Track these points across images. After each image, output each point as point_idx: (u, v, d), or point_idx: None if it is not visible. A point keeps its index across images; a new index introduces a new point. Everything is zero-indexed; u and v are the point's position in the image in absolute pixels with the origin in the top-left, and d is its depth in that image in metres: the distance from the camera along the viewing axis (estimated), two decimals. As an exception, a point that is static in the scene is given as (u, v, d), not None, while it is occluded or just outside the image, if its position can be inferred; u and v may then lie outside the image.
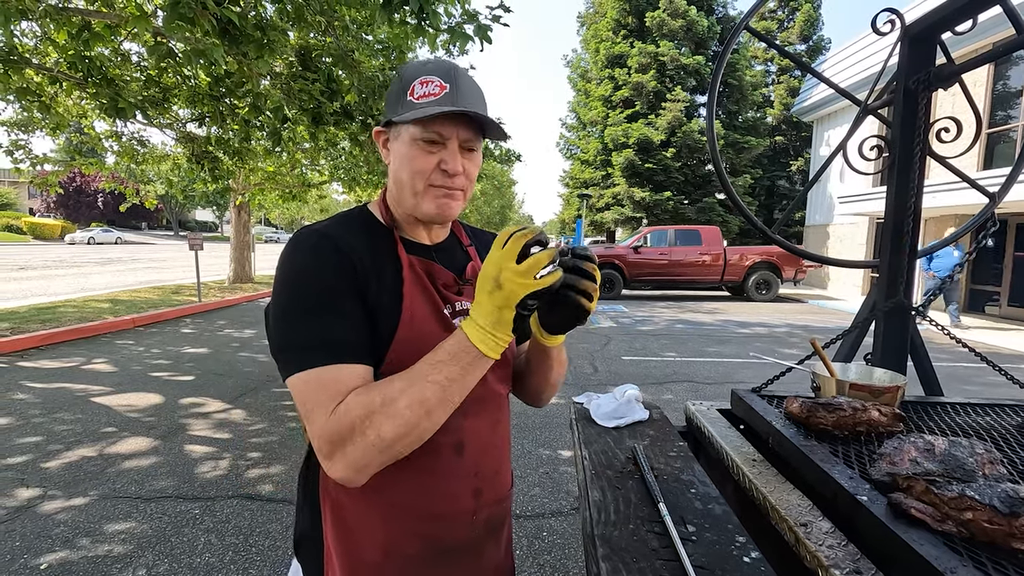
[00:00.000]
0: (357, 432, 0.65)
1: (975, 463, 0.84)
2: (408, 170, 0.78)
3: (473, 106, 0.77)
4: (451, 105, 0.75)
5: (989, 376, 5.74)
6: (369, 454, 0.66)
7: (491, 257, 0.68)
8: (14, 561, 2.24)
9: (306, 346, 0.70)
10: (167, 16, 3.57)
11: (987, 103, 11.08)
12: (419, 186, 0.78)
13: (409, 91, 0.77)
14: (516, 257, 0.66)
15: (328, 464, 0.68)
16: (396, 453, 0.68)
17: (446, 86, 0.76)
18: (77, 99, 7.10)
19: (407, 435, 0.66)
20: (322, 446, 0.68)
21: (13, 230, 35.90)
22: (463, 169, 0.79)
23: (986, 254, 11.53)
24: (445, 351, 0.68)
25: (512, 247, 0.66)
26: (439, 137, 0.76)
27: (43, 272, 14.88)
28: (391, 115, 0.79)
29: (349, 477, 0.68)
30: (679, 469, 1.15)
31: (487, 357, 0.69)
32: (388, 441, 0.66)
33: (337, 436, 0.66)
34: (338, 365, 0.69)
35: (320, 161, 11.85)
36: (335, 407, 0.67)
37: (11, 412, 3.97)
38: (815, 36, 25.41)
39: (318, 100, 5.60)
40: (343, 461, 0.67)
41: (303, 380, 0.69)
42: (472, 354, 0.68)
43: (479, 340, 0.68)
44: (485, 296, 0.68)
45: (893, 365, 1.55)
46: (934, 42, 1.55)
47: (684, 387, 5.14)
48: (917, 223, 1.55)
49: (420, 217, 0.82)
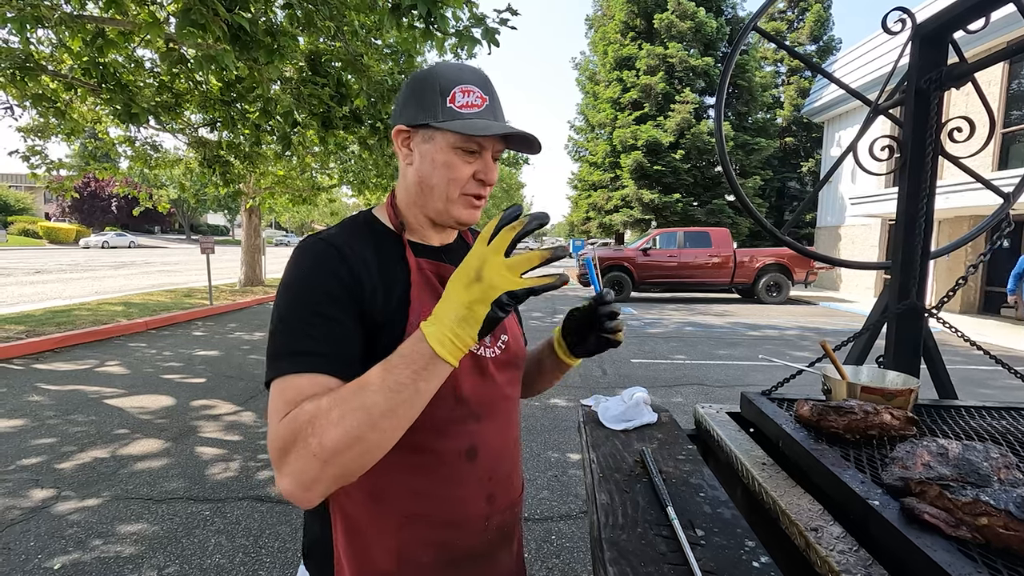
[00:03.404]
0: (300, 439, 0.60)
1: (990, 467, 0.82)
2: (443, 176, 0.78)
3: (505, 118, 0.81)
4: (492, 118, 0.77)
5: (1005, 379, 5.65)
6: (311, 465, 0.60)
7: (475, 249, 0.63)
8: (28, 561, 2.27)
9: (284, 354, 0.68)
10: (179, 23, 3.63)
11: (1001, 102, 10.92)
12: (454, 193, 0.78)
13: (450, 97, 0.76)
14: (504, 251, 0.61)
15: (278, 479, 0.63)
16: (342, 469, 0.61)
17: (486, 98, 0.78)
18: (91, 105, 7.23)
19: (350, 447, 0.60)
20: (272, 456, 0.63)
21: (29, 234, 36.50)
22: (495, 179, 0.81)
23: (1001, 255, 11.36)
24: (399, 353, 0.63)
25: (500, 241, 0.61)
26: (479, 148, 0.77)
27: (58, 276, 15.10)
28: (427, 118, 0.76)
29: (295, 493, 0.61)
30: (688, 472, 1.14)
31: (440, 360, 0.61)
32: (330, 450, 0.59)
33: (282, 443, 0.61)
34: (307, 374, 0.66)
35: (330, 165, 11.96)
36: (287, 412, 0.63)
37: (27, 414, 4.03)
38: (825, 36, 25.24)
39: (328, 104, 5.65)
40: (287, 472, 0.61)
41: (277, 386, 0.67)
42: (426, 356, 0.61)
43: (436, 340, 0.61)
44: (460, 288, 0.62)
45: (906, 368, 1.53)
46: (946, 41, 1.53)
47: (693, 390, 5.11)
48: (930, 224, 1.53)
49: (445, 222, 0.82)
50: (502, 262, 0.61)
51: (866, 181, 14.45)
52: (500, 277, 0.60)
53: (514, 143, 0.81)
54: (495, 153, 0.80)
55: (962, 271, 11.39)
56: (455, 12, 4.52)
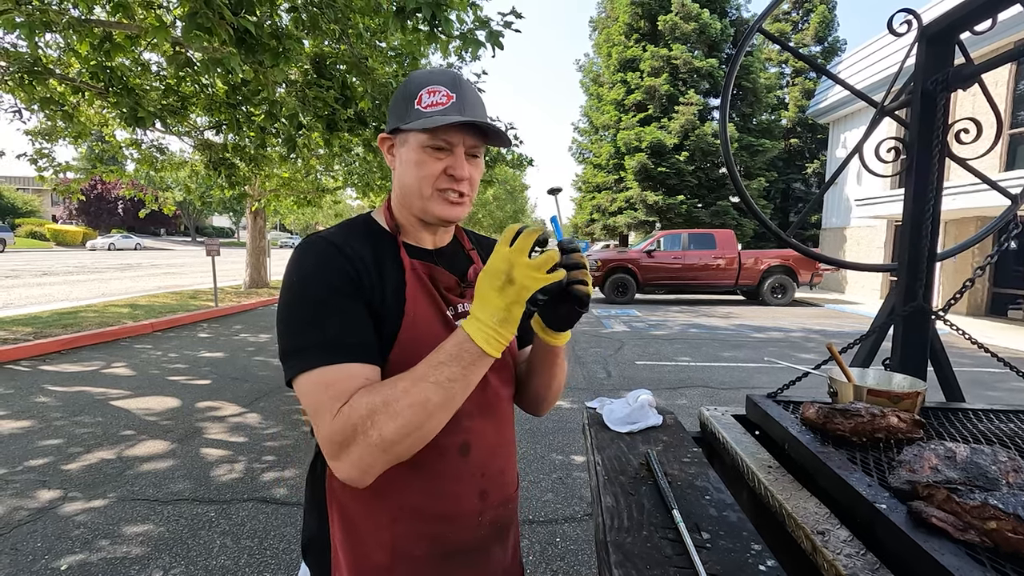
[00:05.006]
0: (360, 432, 0.66)
1: (998, 471, 0.82)
2: (416, 175, 0.81)
3: (477, 115, 0.81)
4: (458, 114, 0.78)
5: (1013, 382, 5.61)
6: (372, 454, 0.66)
7: (500, 253, 0.68)
8: (35, 562, 2.28)
9: (310, 347, 0.71)
10: (186, 26, 3.65)
11: (1008, 103, 10.85)
12: (427, 190, 0.81)
13: (416, 100, 0.80)
14: (527, 252, 0.67)
15: (335, 465, 0.69)
16: (399, 453, 0.68)
17: (453, 96, 0.79)
18: (99, 108, 7.28)
19: (409, 435, 0.67)
20: (328, 447, 0.68)
21: (37, 236, 36.76)
22: (468, 175, 0.82)
23: (1008, 257, 11.29)
24: (446, 352, 0.69)
25: (523, 243, 0.67)
26: (447, 144, 0.80)
27: (65, 278, 15.19)
28: (398, 123, 0.82)
29: (354, 477, 0.68)
30: (693, 475, 1.13)
31: (488, 356, 0.68)
32: (390, 441, 0.66)
33: (341, 437, 0.67)
34: (342, 365, 0.70)
35: (334, 167, 12.00)
36: (340, 408, 0.68)
37: (34, 415, 4.05)
38: (830, 37, 25.14)
39: (332, 107, 5.67)
40: (348, 461, 0.67)
41: (310, 381, 0.70)
42: (474, 353, 0.68)
43: (482, 339, 0.67)
44: (494, 293, 0.67)
45: (913, 370, 1.52)
46: (952, 42, 1.52)
47: (698, 392, 5.09)
48: (936, 226, 1.53)
49: (428, 219, 0.85)
50: (528, 263, 0.66)
51: (872, 182, 14.38)
52: (530, 278, 0.66)
53: (492, 139, 0.83)
54: (469, 148, 0.81)
55: (969, 273, 11.31)
56: (459, 15, 4.54)
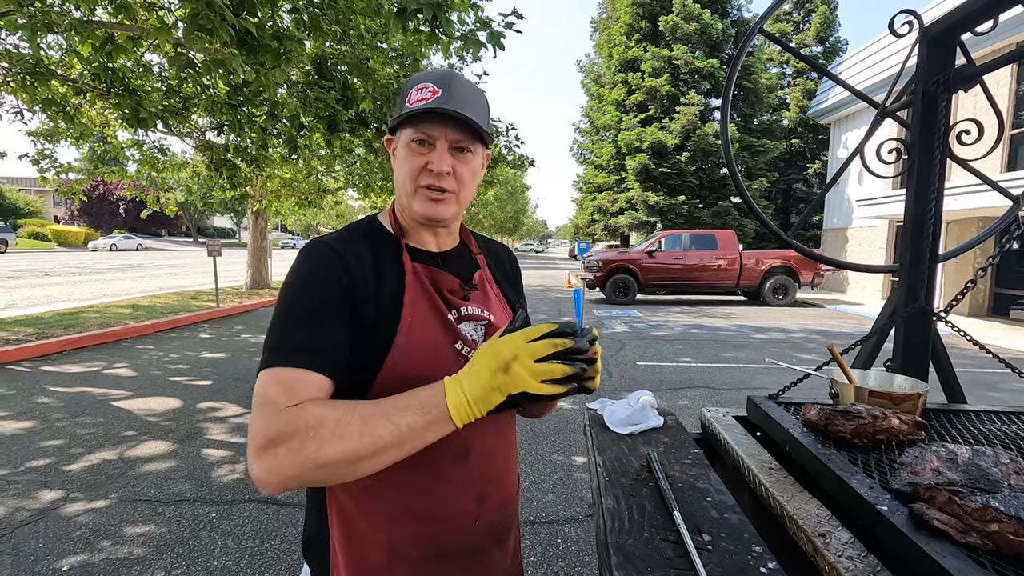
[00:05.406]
0: (297, 438, 0.63)
1: (1000, 473, 0.82)
2: (402, 171, 0.82)
3: (465, 109, 0.78)
4: (439, 107, 0.77)
5: (1015, 383, 5.60)
6: (299, 465, 0.63)
7: (513, 341, 0.65)
8: (37, 563, 2.29)
9: (286, 348, 0.71)
10: (187, 28, 3.66)
11: (1010, 104, 10.84)
12: (410, 187, 0.81)
13: (407, 98, 0.80)
14: (537, 356, 0.64)
15: (254, 461, 0.64)
16: (325, 478, 0.65)
17: (439, 91, 0.78)
18: (100, 109, 7.29)
19: (345, 463, 0.64)
20: (257, 440, 0.65)
21: (39, 237, 36.83)
22: (451, 170, 0.80)
23: (1010, 257, 11.27)
24: (418, 398, 0.67)
25: (540, 348, 0.64)
26: (428, 138, 0.79)
27: (67, 278, 15.22)
28: (392, 122, 0.83)
29: (264, 481, 0.64)
30: (694, 477, 1.13)
31: (453, 423, 0.66)
32: (323, 461, 0.63)
33: (276, 434, 0.64)
34: (306, 370, 0.69)
35: (336, 168, 12.00)
36: (288, 407, 0.66)
37: (35, 416, 4.06)
38: (831, 38, 25.15)
39: (334, 108, 5.67)
40: (269, 462, 0.63)
41: (273, 375, 0.69)
42: (441, 414, 0.65)
43: (455, 406, 0.65)
44: (487, 373, 0.65)
45: (914, 371, 1.52)
46: (953, 43, 1.52)
47: (699, 393, 5.09)
48: (938, 227, 1.52)
49: (415, 218, 0.85)
50: (531, 366, 0.64)
51: (873, 183, 14.36)
52: (523, 380, 0.64)
53: (481, 133, 0.82)
54: (453, 143, 0.80)
55: (971, 274, 11.31)
56: (460, 16, 4.54)
